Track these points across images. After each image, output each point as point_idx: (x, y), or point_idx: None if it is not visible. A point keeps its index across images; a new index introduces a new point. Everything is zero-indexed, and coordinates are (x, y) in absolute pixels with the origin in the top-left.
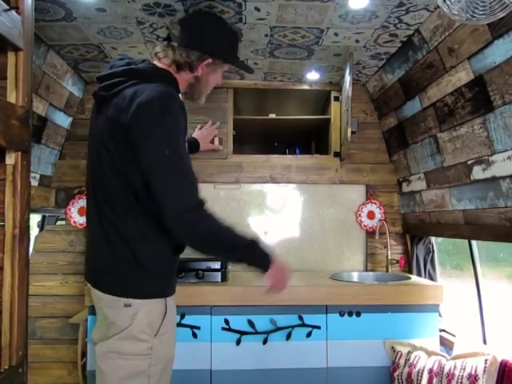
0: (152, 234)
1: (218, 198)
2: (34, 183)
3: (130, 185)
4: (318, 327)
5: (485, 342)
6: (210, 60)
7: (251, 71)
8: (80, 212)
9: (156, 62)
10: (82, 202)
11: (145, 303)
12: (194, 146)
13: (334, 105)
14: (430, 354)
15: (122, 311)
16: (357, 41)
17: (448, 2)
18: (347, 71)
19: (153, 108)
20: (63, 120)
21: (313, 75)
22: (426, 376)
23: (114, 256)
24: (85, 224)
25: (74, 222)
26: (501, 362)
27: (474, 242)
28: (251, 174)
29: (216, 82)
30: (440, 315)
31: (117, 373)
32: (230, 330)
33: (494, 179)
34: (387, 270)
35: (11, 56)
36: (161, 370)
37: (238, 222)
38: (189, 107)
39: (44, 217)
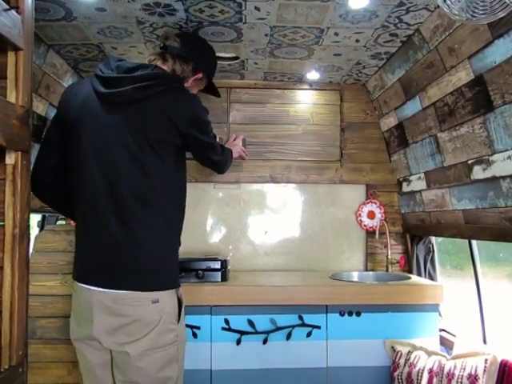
0: (172, 230)
1: (218, 198)
2: None
3: (161, 183)
4: (318, 327)
5: (485, 342)
6: (200, 75)
7: (219, 96)
8: None
9: (159, 67)
10: None
11: (167, 295)
12: None
13: None
14: (430, 353)
15: (151, 307)
16: (357, 40)
17: (448, 2)
18: None
19: (201, 108)
20: None
21: (313, 75)
22: (426, 376)
23: (143, 252)
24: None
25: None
26: (501, 362)
27: (474, 242)
28: (251, 174)
29: None
30: (440, 315)
31: (154, 366)
32: (230, 329)
33: (494, 179)
34: (387, 270)
35: (11, 56)
36: (183, 351)
37: (237, 221)
38: None
39: (44, 217)
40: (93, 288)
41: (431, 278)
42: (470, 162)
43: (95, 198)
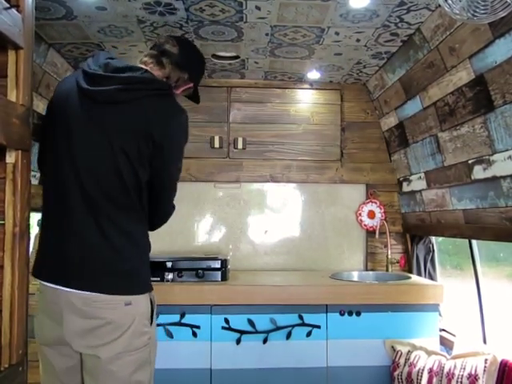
0: (145, 232)
1: (218, 197)
2: (35, 182)
3: (139, 185)
4: (318, 327)
5: (485, 342)
6: (191, 85)
7: (198, 102)
8: None
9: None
10: None
11: (141, 298)
12: None
13: None
14: (429, 353)
15: (123, 310)
16: (358, 40)
17: (449, 1)
18: None
19: (185, 131)
20: None
21: (313, 74)
22: (425, 375)
23: (119, 255)
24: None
25: None
26: (501, 362)
27: (474, 242)
28: (251, 173)
29: None
30: (440, 315)
31: (127, 369)
32: (230, 329)
33: (495, 179)
34: (387, 270)
35: (12, 54)
36: (155, 354)
37: (238, 221)
38: (190, 107)
39: None
40: (61, 288)
41: (431, 277)
42: (470, 161)
43: (65, 193)
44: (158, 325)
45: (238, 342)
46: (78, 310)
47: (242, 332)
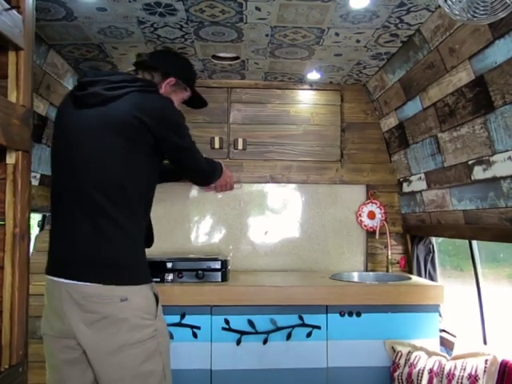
0: (137, 227)
1: (219, 198)
2: (35, 183)
3: (133, 178)
4: (318, 327)
5: (485, 343)
6: (172, 80)
7: (204, 105)
8: None
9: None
10: None
11: (136, 292)
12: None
13: None
14: (430, 354)
15: (119, 305)
16: (357, 41)
17: (449, 2)
18: None
19: (175, 110)
20: None
21: (313, 75)
22: (426, 376)
23: (113, 247)
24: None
25: None
26: (501, 363)
27: (474, 243)
28: (252, 174)
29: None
30: (440, 315)
31: (134, 360)
32: (230, 329)
33: (495, 179)
34: (387, 270)
35: (12, 55)
36: (166, 343)
37: (238, 221)
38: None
39: (44, 216)
40: (61, 280)
41: (431, 278)
42: (470, 162)
43: (63, 190)
44: None
45: (238, 342)
46: (78, 303)
47: (242, 333)
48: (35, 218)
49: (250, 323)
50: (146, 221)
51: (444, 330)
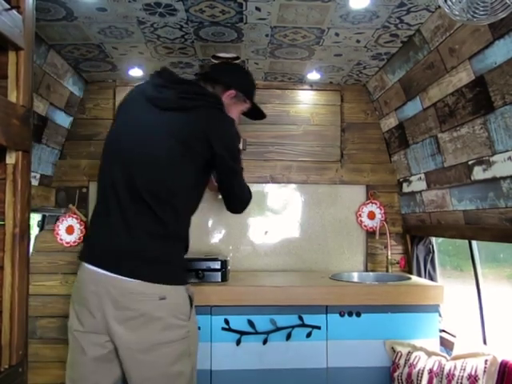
0: (186, 229)
1: (219, 198)
2: (35, 183)
3: (184, 183)
4: (318, 327)
5: (485, 343)
6: (233, 92)
7: (263, 117)
8: (68, 231)
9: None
10: (70, 221)
11: (175, 292)
12: None
13: None
14: (430, 354)
15: (157, 303)
16: (357, 41)
17: (449, 2)
18: None
19: (236, 133)
20: (64, 119)
21: (313, 75)
22: (426, 376)
23: (158, 246)
24: (75, 240)
25: (61, 240)
26: (501, 363)
27: (474, 243)
28: (252, 174)
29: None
30: (440, 315)
31: (165, 360)
32: (230, 330)
33: (495, 180)
34: (387, 271)
35: (12, 55)
36: (196, 347)
37: (238, 221)
38: None
39: (44, 216)
40: (103, 272)
41: (431, 278)
42: (470, 162)
43: (114, 186)
44: None
45: (238, 342)
46: (113, 299)
47: (241, 333)
48: (35, 218)
49: (250, 323)
50: (189, 225)
51: (444, 330)
